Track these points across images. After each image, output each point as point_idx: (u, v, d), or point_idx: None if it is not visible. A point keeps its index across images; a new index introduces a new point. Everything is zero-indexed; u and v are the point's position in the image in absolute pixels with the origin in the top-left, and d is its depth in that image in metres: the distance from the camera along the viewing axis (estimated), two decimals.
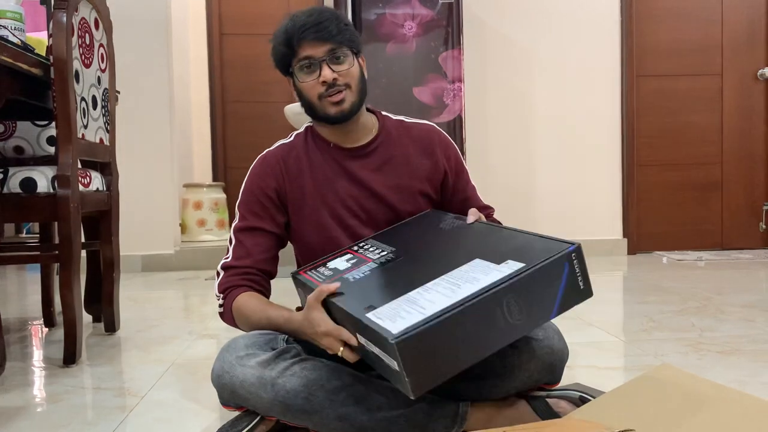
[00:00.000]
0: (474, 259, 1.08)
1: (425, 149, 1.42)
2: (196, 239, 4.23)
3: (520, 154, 4.04)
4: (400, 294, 1.03)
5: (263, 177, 1.37)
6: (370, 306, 1.01)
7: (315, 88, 1.30)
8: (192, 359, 1.86)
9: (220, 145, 5.06)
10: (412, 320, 0.92)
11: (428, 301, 0.97)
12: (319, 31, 1.27)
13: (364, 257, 1.24)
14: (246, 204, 1.38)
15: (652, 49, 4.11)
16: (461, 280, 1.02)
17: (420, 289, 1.02)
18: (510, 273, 0.99)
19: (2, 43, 1.63)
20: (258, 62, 4.97)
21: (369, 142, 1.40)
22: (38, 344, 2.14)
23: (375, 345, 0.97)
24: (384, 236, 1.32)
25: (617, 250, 4.11)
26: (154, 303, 2.80)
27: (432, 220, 1.35)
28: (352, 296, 1.09)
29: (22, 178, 1.80)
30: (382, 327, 0.93)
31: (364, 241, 1.32)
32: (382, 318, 0.96)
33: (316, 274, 1.25)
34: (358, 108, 1.34)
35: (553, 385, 1.27)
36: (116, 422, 1.36)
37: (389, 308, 0.99)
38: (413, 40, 3.54)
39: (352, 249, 1.30)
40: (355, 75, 1.32)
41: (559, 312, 1.02)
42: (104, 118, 2.14)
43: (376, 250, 1.25)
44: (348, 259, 1.25)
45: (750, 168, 4.20)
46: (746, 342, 1.89)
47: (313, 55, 1.28)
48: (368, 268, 1.18)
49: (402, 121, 1.46)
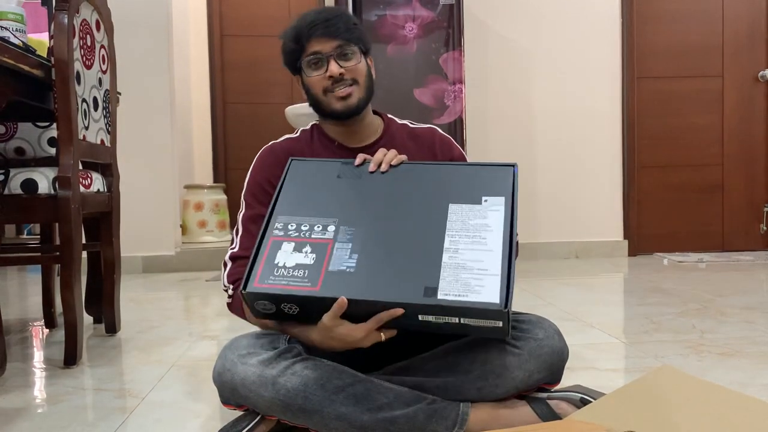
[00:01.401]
0: (449, 205, 1.15)
1: (427, 151, 1.42)
2: (197, 240, 4.23)
3: (521, 156, 4.04)
4: (427, 265, 1.06)
5: (270, 166, 1.37)
6: (427, 288, 1.03)
7: (321, 82, 1.32)
8: (192, 360, 1.86)
9: (220, 147, 5.06)
10: (495, 285, 1.02)
11: (476, 261, 1.06)
12: (328, 27, 1.29)
13: (316, 241, 1.13)
14: (252, 193, 1.38)
15: (653, 50, 4.11)
16: (470, 230, 1.11)
17: (446, 253, 1.07)
18: (506, 210, 1.13)
19: (4, 45, 1.63)
20: (259, 63, 4.97)
21: (372, 143, 1.41)
22: (39, 345, 2.14)
23: (455, 317, 1.03)
24: (287, 208, 1.19)
25: (618, 251, 4.11)
26: (155, 304, 2.80)
27: (317, 173, 1.25)
28: (373, 286, 1.05)
29: (23, 179, 1.80)
30: (475, 302, 1.00)
31: (275, 223, 1.17)
32: (459, 294, 1.02)
33: (285, 279, 1.09)
34: (364, 104, 1.35)
35: (553, 386, 1.27)
36: (117, 423, 1.36)
37: (449, 282, 1.03)
38: (414, 42, 3.54)
39: (278, 236, 1.14)
40: (362, 71, 1.34)
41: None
42: (105, 120, 2.14)
43: (314, 228, 1.15)
44: (301, 249, 1.11)
45: (751, 169, 4.19)
46: (747, 344, 1.89)
47: (320, 50, 1.30)
48: (345, 252, 1.11)
49: (406, 125, 1.47)
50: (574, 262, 3.87)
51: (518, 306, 1.46)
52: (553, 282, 3.17)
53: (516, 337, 1.21)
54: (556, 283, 3.12)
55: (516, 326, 1.24)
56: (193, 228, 4.25)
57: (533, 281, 3.18)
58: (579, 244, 4.08)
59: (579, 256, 4.06)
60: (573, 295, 2.80)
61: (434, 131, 1.47)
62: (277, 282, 1.08)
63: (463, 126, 3.56)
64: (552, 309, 2.45)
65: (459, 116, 3.55)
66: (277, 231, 1.16)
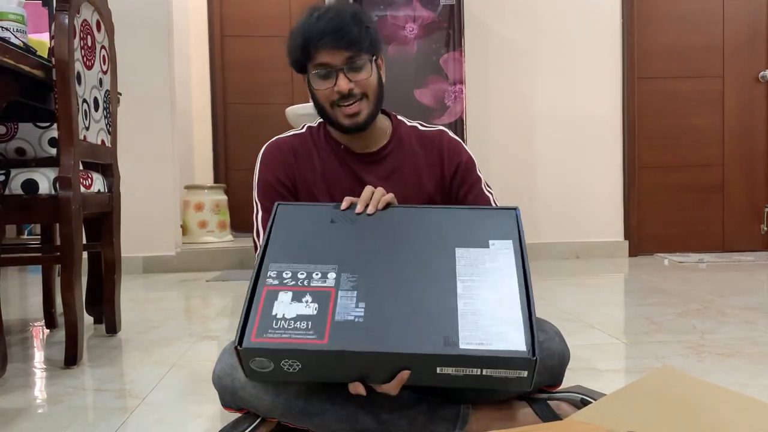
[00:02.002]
0: (455, 249, 1.10)
1: (436, 156, 1.38)
2: (198, 241, 4.23)
3: (522, 156, 4.04)
4: (442, 313, 0.99)
5: (276, 165, 1.34)
6: (447, 338, 0.96)
7: (329, 96, 1.26)
8: (193, 361, 1.86)
9: (221, 147, 5.06)
10: (519, 332, 0.97)
11: (494, 308, 1.00)
12: (339, 39, 1.22)
13: (317, 289, 1.03)
14: (264, 193, 1.34)
15: (654, 50, 4.11)
16: (482, 274, 1.06)
17: (461, 300, 1.01)
18: (516, 253, 1.10)
19: (4, 45, 1.63)
20: (260, 64, 4.98)
21: (380, 148, 1.37)
22: (39, 345, 2.14)
23: (477, 368, 0.96)
24: (279, 254, 1.09)
25: (618, 251, 4.11)
26: (155, 304, 2.80)
27: (308, 218, 1.17)
28: (387, 336, 0.97)
29: (23, 179, 1.80)
30: (500, 350, 0.94)
31: (268, 272, 1.07)
32: (482, 342, 0.95)
33: (286, 332, 0.98)
34: (373, 118, 1.31)
35: (554, 388, 1.27)
36: (117, 424, 1.36)
37: (470, 331, 0.97)
38: (414, 42, 3.54)
39: (273, 285, 1.04)
40: (372, 84, 1.28)
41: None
42: (106, 120, 2.14)
43: (313, 275, 1.06)
44: (301, 299, 1.02)
45: (751, 170, 4.19)
46: (747, 344, 1.89)
47: (330, 62, 1.24)
48: (350, 301, 1.02)
49: (416, 128, 1.42)
50: (575, 263, 3.87)
51: None
52: (553, 282, 3.17)
53: None
54: (556, 284, 3.12)
55: None
56: (193, 228, 4.25)
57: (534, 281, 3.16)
58: (579, 244, 4.08)
59: (579, 256, 4.06)
60: (573, 295, 2.79)
61: (443, 135, 1.41)
62: (278, 336, 0.97)
63: (464, 126, 3.56)
64: (552, 309, 2.45)
65: (459, 117, 3.55)
66: (270, 280, 1.06)
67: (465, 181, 1.38)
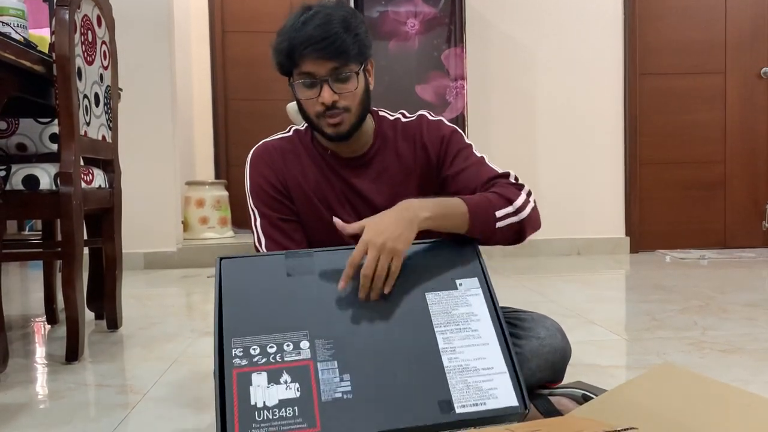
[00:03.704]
0: (425, 295, 1.07)
1: (418, 147, 1.34)
2: (199, 237, 4.23)
3: (523, 152, 4.04)
4: (430, 374, 0.98)
5: (266, 170, 1.32)
6: (442, 403, 0.95)
7: (314, 106, 1.22)
8: (194, 357, 1.87)
9: (222, 143, 5.06)
10: (508, 385, 0.99)
11: (478, 360, 1.01)
12: (325, 48, 1.16)
13: (293, 365, 0.95)
14: (259, 199, 1.32)
15: (656, 47, 4.10)
16: (458, 321, 1.05)
17: (444, 355, 1.00)
18: (484, 292, 1.09)
19: (5, 41, 1.63)
20: (260, 60, 4.96)
21: (366, 152, 1.33)
22: (41, 341, 2.14)
23: (472, 426, 0.96)
24: (238, 325, 0.99)
25: (620, 248, 4.11)
26: (157, 300, 2.80)
27: (260, 273, 1.07)
28: (382, 413, 0.93)
29: (24, 175, 1.80)
30: (494, 409, 0.96)
31: (232, 349, 0.96)
32: (477, 403, 0.96)
33: (273, 425, 0.89)
34: (356, 128, 1.26)
35: (555, 383, 1.27)
36: (118, 419, 1.36)
37: (460, 391, 0.97)
38: (416, 38, 3.53)
39: (241, 367, 0.94)
40: (357, 95, 1.23)
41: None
42: (107, 116, 2.14)
43: (283, 347, 0.97)
44: (279, 380, 0.94)
45: (753, 166, 4.19)
46: (749, 341, 1.89)
47: (315, 72, 1.18)
48: (333, 375, 0.95)
49: (398, 120, 1.37)
50: (576, 259, 3.87)
51: (519, 303, 1.46)
52: (554, 279, 3.16)
53: (517, 335, 1.21)
54: (557, 280, 3.11)
55: (517, 324, 1.24)
56: (194, 224, 4.25)
57: (535, 277, 3.17)
58: (581, 240, 4.07)
59: (581, 252, 4.06)
60: (575, 292, 2.79)
61: (422, 120, 1.36)
62: (265, 431, 0.89)
63: (465, 122, 3.55)
64: (553, 306, 2.45)
65: (461, 113, 3.54)
66: (238, 360, 0.94)
67: (452, 151, 1.32)
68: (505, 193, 1.20)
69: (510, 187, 1.23)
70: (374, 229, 1.07)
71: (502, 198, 1.19)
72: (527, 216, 1.20)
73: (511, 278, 3.11)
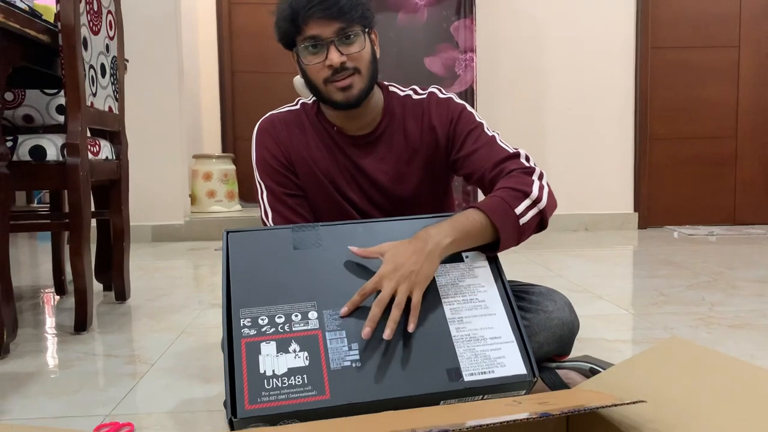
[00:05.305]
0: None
1: (426, 126, 1.30)
2: (206, 210, 4.24)
3: (532, 126, 4.00)
4: (438, 343, 0.98)
5: (271, 143, 1.32)
6: (450, 371, 0.96)
7: (321, 71, 1.19)
8: (201, 328, 1.88)
9: (229, 117, 5.04)
10: (516, 354, 0.99)
11: (486, 329, 1.01)
12: (329, 8, 1.15)
13: (301, 334, 0.96)
14: (265, 172, 1.31)
15: (668, 20, 4.03)
16: (465, 292, 1.05)
17: (452, 325, 1.01)
18: (490, 263, 1.10)
19: (10, 9, 1.61)
20: (268, 32, 4.87)
21: (373, 129, 1.31)
22: (50, 312, 2.16)
23: (480, 395, 0.96)
24: (246, 296, 1.00)
25: (628, 224, 4.09)
26: (164, 272, 2.81)
27: (267, 246, 1.07)
28: (392, 380, 0.94)
29: (31, 146, 1.79)
30: (503, 377, 0.96)
31: (240, 319, 0.97)
32: (485, 371, 0.97)
33: (282, 392, 0.90)
34: (367, 93, 1.23)
35: (563, 357, 1.27)
36: (126, 389, 1.38)
37: (469, 359, 0.97)
38: (425, 9, 3.48)
39: (250, 336, 0.95)
40: (365, 57, 1.21)
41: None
42: (113, 87, 2.13)
43: (292, 317, 0.98)
44: (287, 349, 0.94)
45: (765, 142, 4.14)
46: (757, 316, 1.88)
47: (320, 34, 1.17)
48: (341, 344, 0.96)
49: (408, 98, 1.33)
50: (584, 235, 3.85)
51: (527, 278, 1.46)
52: (562, 254, 3.16)
53: (525, 308, 1.21)
54: (565, 255, 3.11)
55: (525, 298, 1.24)
56: (202, 198, 4.26)
57: (543, 253, 3.16)
58: (589, 216, 4.05)
59: (589, 228, 4.04)
60: (582, 267, 2.79)
61: (431, 98, 1.32)
62: (274, 398, 0.89)
63: (474, 95, 3.51)
64: (561, 281, 2.45)
65: (470, 86, 3.50)
66: (246, 330, 0.95)
67: (462, 132, 1.29)
68: (518, 186, 1.15)
69: (521, 175, 1.18)
70: (393, 261, 1.01)
71: (518, 192, 1.14)
72: (546, 204, 1.16)
73: (519, 253, 3.10)
